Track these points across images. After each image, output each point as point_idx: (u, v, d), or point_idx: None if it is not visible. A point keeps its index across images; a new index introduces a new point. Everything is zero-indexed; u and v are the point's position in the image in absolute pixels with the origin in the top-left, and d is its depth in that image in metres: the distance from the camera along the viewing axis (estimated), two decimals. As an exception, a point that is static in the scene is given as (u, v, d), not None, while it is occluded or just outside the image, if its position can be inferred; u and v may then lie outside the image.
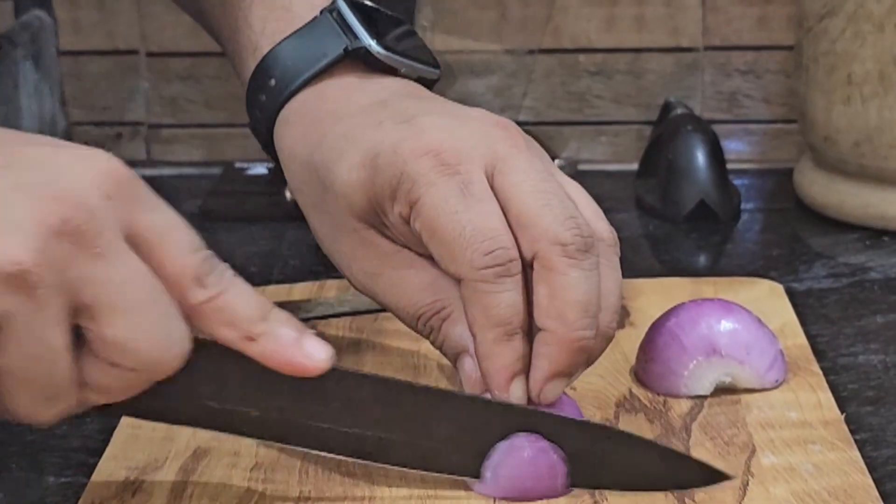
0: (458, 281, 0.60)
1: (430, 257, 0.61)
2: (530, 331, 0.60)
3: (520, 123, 1.02)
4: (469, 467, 0.58)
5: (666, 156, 0.96)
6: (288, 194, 0.98)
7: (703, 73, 1.04)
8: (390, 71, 0.67)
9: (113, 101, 1.06)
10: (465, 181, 0.59)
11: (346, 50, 0.66)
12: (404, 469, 0.59)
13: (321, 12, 0.67)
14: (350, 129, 0.63)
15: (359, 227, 0.63)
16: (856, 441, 0.63)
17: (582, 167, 1.04)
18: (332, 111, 0.65)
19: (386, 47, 0.66)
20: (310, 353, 0.54)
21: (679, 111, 0.99)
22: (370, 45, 0.66)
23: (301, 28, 0.67)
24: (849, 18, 0.88)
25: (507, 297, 0.58)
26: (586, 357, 0.60)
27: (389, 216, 0.61)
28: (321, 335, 0.55)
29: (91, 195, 0.50)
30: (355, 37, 0.66)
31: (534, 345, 0.59)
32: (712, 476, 0.59)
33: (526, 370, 0.60)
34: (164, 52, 1.05)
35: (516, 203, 0.59)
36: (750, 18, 1.03)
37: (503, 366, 0.59)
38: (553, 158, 0.66)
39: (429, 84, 0.69)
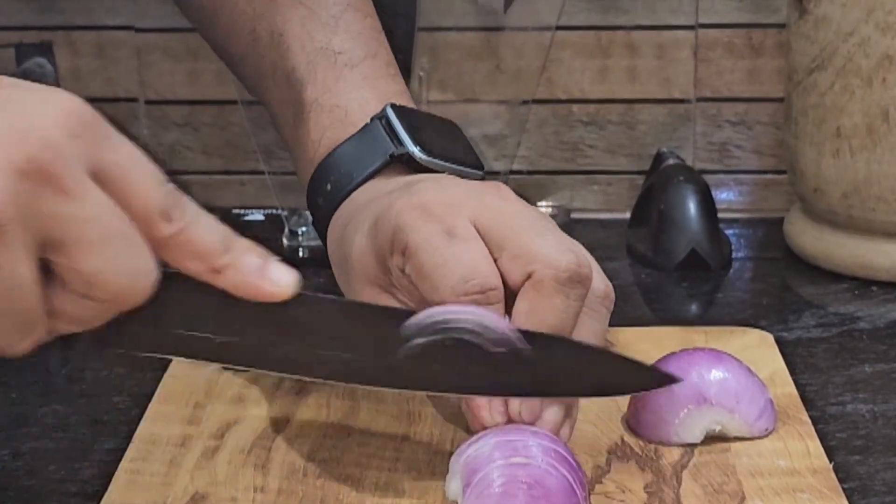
0: None
1: None
2: None
3: (513, 172, 1.05)
4: (434, 383, 0.60)
5: (658, 205, 0.97)
6: (284, 241, 0.99)
7: (694, 124, 1.06)
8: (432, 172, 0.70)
9: (112, 147, 1.07)
10: (450, 226, 0.63)
11: (391, 156, 0.70)
12: (369, 387, 0.60)
13: (371, 120, 0.71)
14: (368, 208, 0.66)
15: (375, 293, 0.65)
16: (844, 490, 0.64)
17: (574, 216, 1.05)
18: (365, 202, 0.68)
19: (429, 152, 0.70)
20: (275, 280, 0.56)
21: (671, 161, 1.00)
22: (413, 152, 0.70)
23: (354, 135, 0.71)
24: (837, 72, 0.90)
25: None
26: None
27: (392, 272, 0.64)
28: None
29: (55, 133, 0.51)
30: (401, 143, 0.70)
31: None
32: (660, 378, 0.62)
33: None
34: (162, 100, 1.06)
35: (511, 238, 0.62)
36: (741, 71, 1.04)
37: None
38: (541, 207, 0.69)
39: None
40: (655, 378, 0.63)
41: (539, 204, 1.06)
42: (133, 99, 1.06)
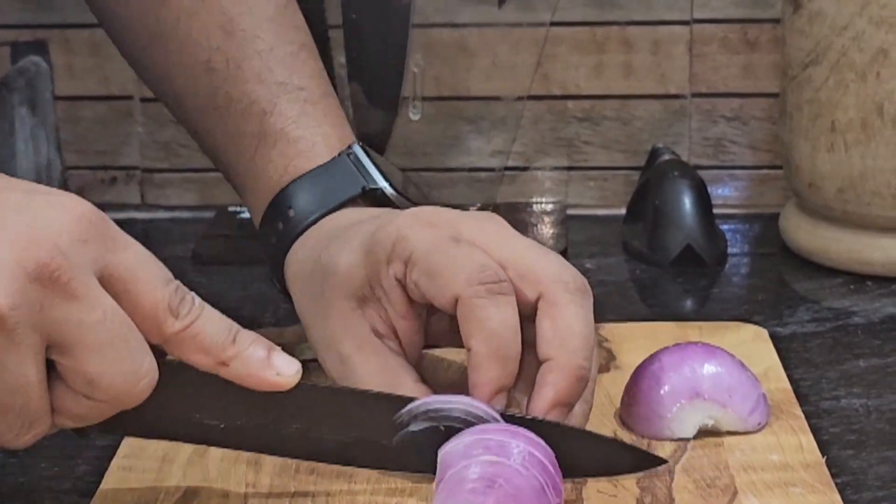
0: (454, 307, 0.63)
1: (394, 351, 0.66)
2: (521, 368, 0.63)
3: (509, 169, 1.05)
4: (429, 465, 0.61)
5: (653, 201, 0.97)
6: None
7: (689, 120, 1.06)
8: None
9: (108, 145, 1.07)
10: (454, 233, 0.64)
11: (363, 189, 0.72)
12: (365, 470, 0.63)
13: (339, 154, 0.73)
14: (354, 228, 0.68)
15: (350, 307, 0.66)
16: (837, 484, 0.64)
17: (570, 212, 1.05)
18: (341, 226, 0.70)
19: (396, 191, 0.72)
20: (279, 370, 0.58)
21: (666, 157, 1.00)
22: (385, 188, 0.72)
23: (321, 165, 0.72)
24: (832, 67, 0.90)
25: (501, 311, 0.62)
26: (582, 389, 0.63)
27: (384, 282, 0.65)
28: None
29: (65, 239, 0.53)
30: (371, 178, 0.72)
31: (538, 377, 0.63)
32: (645, 461, 0.63)
33: (510, 387, 0.63)
34: (157, 98, 1.06)
35: (513, 258, 0.64)
36: (736, 66, 1.04)
37: (491, 378, 0.62)
38: (535, 202, 0.71)
39: None
40: (640, 461, 0.64)
41: (534, 200, 1.06)
42: (128, 97, 1.06)
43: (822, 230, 0.94)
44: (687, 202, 0.96)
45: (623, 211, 1.02)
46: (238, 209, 1.05)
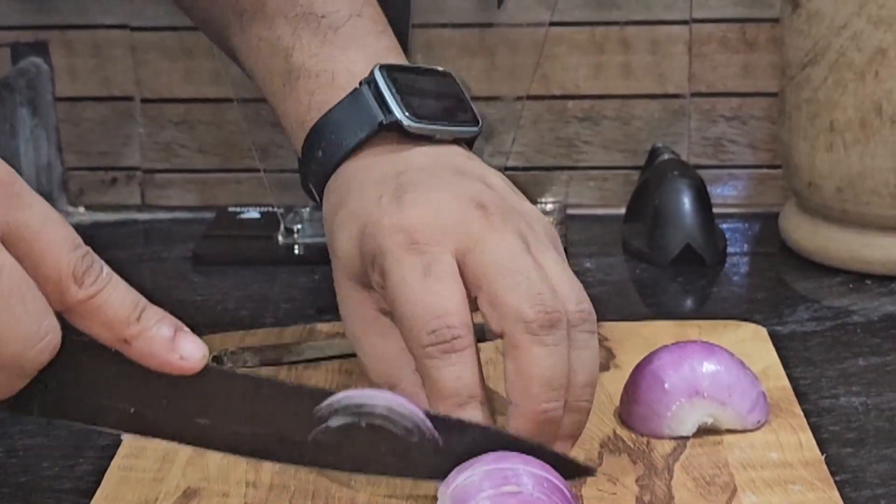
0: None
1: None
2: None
3: (509, 169, 1.05)
4: (347, 463, 0.60)
5: (653, 201, 0.97)
6: (280, 238, 1.00)
7: (689, 119, 1.06)
8: (425, 138, 0.69)
9: (108, 146, 1.08)
10: (430, 260, 0.62)
11: (380, 124, 0.68)
12: (279, 464, 0.61)
13: (360, 84, 0.69)
14: (358, 203, 0.66)
15: (355, 288, 0.66)
16: (836, 482, 0.64)
17: (570, 211, 1.05)
18: (356, 185, 0.67)
19: (419, 116, 0.68)
20: (184, 353, 0.55)
21: (666, 156, 1.00)
22: (402, 120, 0.68)
23: (342, 100, 0.69)
24: (830, 67, 0.90)
25: (452, 371, 0.61)
26: (554, 428, 0.62)
27: (372, 281, 0.65)
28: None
29: None
30: (389, 110, 0.68)
31: (508, 417, 0.62)
32: (573, 470, 0.62)
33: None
34: (158, 99, 1.06)
35: (486, 283, 0.62)
36: (735, 66, 1.04)
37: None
38: (535, 202, 0.68)
39: (469, 141, 0.71)
40: (572, 468, 0.62)
41: (535, 200, 1.06)
42: (129, 98, 1.07)
43: (822, 229, 0.94)
44: (686, 202, 0.96)
45: (623, 210, 1.02)
46: (238, 209, 1.05)
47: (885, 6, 0.87)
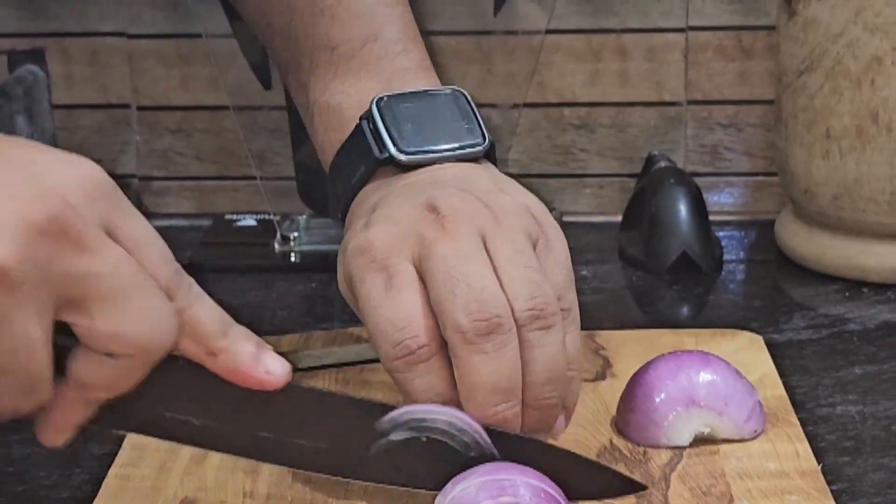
0: None
1: None
2: None
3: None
4: (406, 478, 0.61)
5: (649, 208, 0.97)
6: (277, 246, 1.00)
7: (685, 127, 1.06)
8: (425, 165, 0.69)
9: (105, 154, 1.08)
10: (391, 273, 0.63)
11: (376, 161, 0.69)
12: (341, 478, 0.62)
13: (360, 119, 0.70)
14: (346, 238, 0.67)
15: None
16: (833, 491, 0.64)
17: (566, 219, 1.05)
18: (350, 220, 0.68)
19: (414, 146, 0.68)
20: (268, 369, 0.57)
21: (662, 164, 1.00)
22: (395, 155, 0.68)
23: (347, 138, 0.70)
24: (826, 74, 0.90)
25: (420, 382, 0.62)
26: (515, 428, 0.62)
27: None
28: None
29: (74, 194, 0.51)
30: (384, 145, 0.68)
31: None
32: (628, 486, 0.63)
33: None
34: (155, 106, 1.06)
35: (433, 290, 0.62)
36: (731, 73, 1.04)
37: None
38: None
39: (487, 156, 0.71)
40: (619, 484, 0.63)
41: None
42: (126, 105, 1.07)
43: (818, 237, 0.94)
44: (683, 209, 0.96)
45: (619, 218, 1.02)
46: (235, 217, 1.05)
47: (881, 14, 0.87)
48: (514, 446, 0.61)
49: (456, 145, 0.69)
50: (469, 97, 0.72)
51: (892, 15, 0.87)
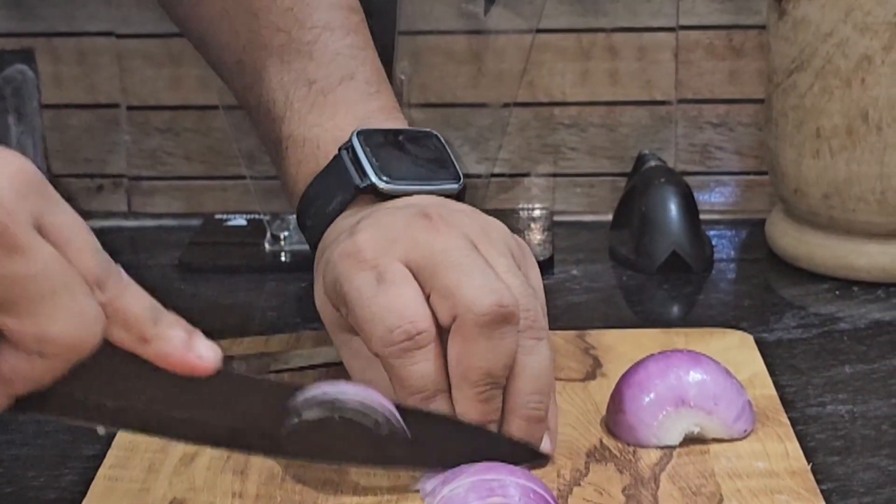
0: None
1: None
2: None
3: (495, 175, 1.05)
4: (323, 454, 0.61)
5: (639, 207, 0.97)
6: (266, 245, 0.99)
7: (675, 126, 1.06)
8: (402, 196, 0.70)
9: (94, 153, 1.07)
10: (381, 270, 0.64)
11: (356, 188, 0.70)
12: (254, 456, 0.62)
13: (339, 150, 0.71)
14: (327, 254, 0.67)
15: (344, 337, 0.67)
16: (822, 491, 0.64)
17: (557, 218, 1.05)
18: (328, 242, 0.69)
19: (394, 178, 0.70)
20: (200, 354, 0.56)
21: (652, 163, 1.00)
22: (377, 183, 0.70)
23: (324, 168, 0.71)
24: (816, 74, 0.90)
25: (418, 368, 0.62)
26: (493, 409, 0.63)
27: (342, 314, 0.66)
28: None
29: (5, 193, 0.51)
30: (365, 174, 0.70)
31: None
32: (526, 455, 0.63)
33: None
34: (144, 106, 1.06)
35: (438, 279, 0.63)
36: (721, 72, 1.04)
37: None
38: (522, 209, 0.68)
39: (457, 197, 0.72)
40: (527, 454, 0.64)
41: (521, 207, 1.06)
42: (115, 105, 1.06)
43: (808, 236, 0.94)
44: (673, 208, 0.96)
45: (609, 217, 1.02)
46: (224, 217, 1.05)
47: (871, 13, 0.87)
48: (424, 424, 0.62)
49: (434, 182, 0.71)
50: (443, 139, 0.74)
51: (881, 14, 0.87)
